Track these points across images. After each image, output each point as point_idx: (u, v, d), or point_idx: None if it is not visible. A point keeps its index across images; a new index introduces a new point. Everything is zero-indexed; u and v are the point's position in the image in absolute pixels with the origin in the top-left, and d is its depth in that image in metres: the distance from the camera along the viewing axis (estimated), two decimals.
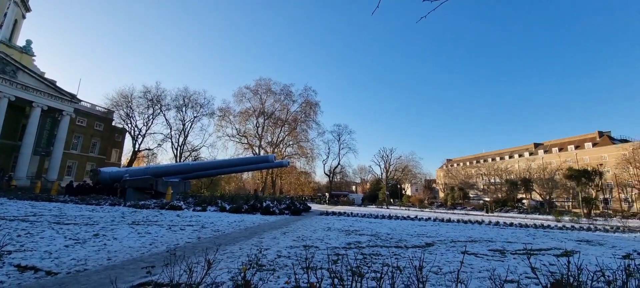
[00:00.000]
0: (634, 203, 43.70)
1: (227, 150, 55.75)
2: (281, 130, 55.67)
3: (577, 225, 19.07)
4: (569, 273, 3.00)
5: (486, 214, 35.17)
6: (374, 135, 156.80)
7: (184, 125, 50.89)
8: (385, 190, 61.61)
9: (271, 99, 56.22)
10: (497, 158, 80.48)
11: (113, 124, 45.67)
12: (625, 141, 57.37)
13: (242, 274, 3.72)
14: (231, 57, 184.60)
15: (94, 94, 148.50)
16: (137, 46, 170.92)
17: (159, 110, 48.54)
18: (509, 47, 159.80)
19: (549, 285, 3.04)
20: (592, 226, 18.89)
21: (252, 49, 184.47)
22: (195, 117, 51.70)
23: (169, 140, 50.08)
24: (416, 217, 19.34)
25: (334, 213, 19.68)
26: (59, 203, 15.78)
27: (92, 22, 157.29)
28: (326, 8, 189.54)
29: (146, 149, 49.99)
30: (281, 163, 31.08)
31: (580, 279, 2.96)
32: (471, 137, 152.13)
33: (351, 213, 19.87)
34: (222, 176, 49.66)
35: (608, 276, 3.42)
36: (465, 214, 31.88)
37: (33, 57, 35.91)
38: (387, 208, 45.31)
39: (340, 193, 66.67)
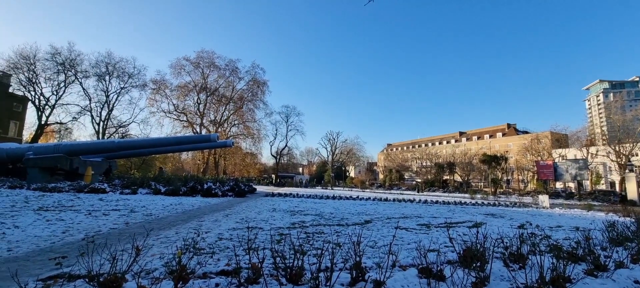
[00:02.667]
0: (529, 183, 53.68)
1: (162, 127, 50.46)
2: (226, 108, 52.45)
3: (486, 202, 22.66)
4: (477, 241, 3.57)
5: (417, 193, 39.34)
6: (321, 118, 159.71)
7: (107, 97, 44.11)
8: (331, 172, 64.00)
9: (215, 74, 52.16)
10: (429, 144, 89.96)
11: (10, 90, 37.25)
12: (526, 132, 69.41)
13: (177, 259, 3.49)
14: (168, 24, 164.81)
15: None
16: None
17: (73, 77, 40.92)
18: (442, 46, 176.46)
19: (461, 252, 3.57)
20: (496, 202, 22.66)
21: (192, 17, 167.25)
22: (122, 88, 45.07)
23: (88, 113, 43.03)
24: (358, 197, 20.58)
25: (280, 194, 19.71)
26: None
27: None
28: None
29: (57, 123, 42.24)
30: (225, 144, 29.42)
31: (485, 245, 3.54)
32: (409, 124, 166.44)
33: (297, 194, 20.18)
34: (157, 156, 45.35)
35: (506, 242, 4.16)
36: (400, 194, 35.10)
37: None
38: (332, 189, 47.23)
39: (287, 175, 66.96)
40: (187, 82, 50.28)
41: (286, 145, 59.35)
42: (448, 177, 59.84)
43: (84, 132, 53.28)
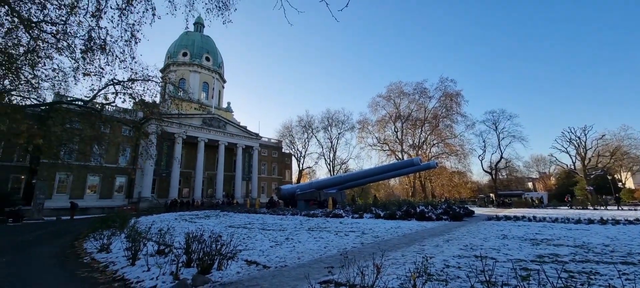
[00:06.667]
0: None
1: (371, 159, 58.66)
2: (421, 130, 52.21)
3: None
4: None
5: None
6: (546, 116, 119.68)
7: (331, 142, 57.90)
8: (586, 185, 44.82)
9: (405, 101, 54.23)
10: None
11: (283, 150, 57.89)
12: None
13: (412, 282, 3.71)
14: (359, 69, 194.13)
15: (268, 129, 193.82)
16: (290, 81, 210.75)
17: (311, 134, 57.89)
18: None
19: None
20: None
21: (378, 56, 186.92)
22: (339, 133, 57.90)
23: (322, 157, 58.18)
24: None
25: (507, 217, 16.22)
26: (261, 214, 21.28)
27: (255, 77, 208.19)
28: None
29: (307, 167, 60.00)
30: (428, 166, 28.86)
31: None
32: None
33: (534, 217, 15.66)
34: (371, 184, 51.92)
35: None
36: None
37: (232, 113, 51.53)
38: (594, 209, 32.74)
39: (510, 192, 54.18)
40: (383, 115, 55.71)
41: (501, 157, 48.62)
42: None
43: (321, 172, 72.24)
